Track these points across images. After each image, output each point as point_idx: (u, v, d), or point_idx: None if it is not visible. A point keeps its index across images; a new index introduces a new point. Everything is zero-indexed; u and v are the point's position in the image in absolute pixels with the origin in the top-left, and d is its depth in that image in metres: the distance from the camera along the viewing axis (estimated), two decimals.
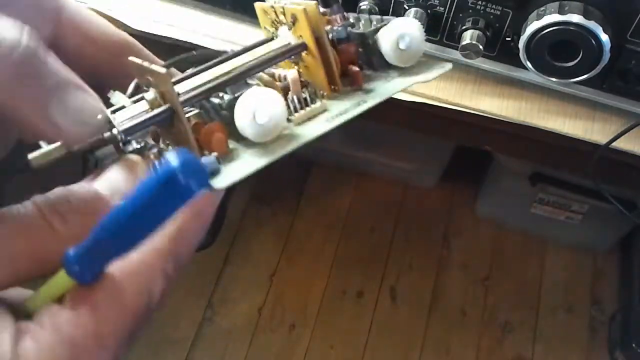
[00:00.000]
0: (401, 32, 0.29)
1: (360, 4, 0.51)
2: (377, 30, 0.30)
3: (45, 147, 0.23)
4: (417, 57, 0.29)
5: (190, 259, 0.25)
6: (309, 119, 0.27)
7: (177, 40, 0.56)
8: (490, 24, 0.50)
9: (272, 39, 0.29)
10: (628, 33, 0.47)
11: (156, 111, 0.25)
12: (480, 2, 0.49)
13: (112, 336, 0.22)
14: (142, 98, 0.26)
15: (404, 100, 0.53)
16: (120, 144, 0.25)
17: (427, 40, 0.53)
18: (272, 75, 0.28)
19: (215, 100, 0.27)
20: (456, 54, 0.52)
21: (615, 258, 1.34)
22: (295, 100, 0.27)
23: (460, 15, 0.50)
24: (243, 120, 0.25)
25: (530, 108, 0.54)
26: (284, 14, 0.28)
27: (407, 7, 0.51)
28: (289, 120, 0.27)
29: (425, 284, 1.30)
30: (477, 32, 0.50)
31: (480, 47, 0.50)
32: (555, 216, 1.29)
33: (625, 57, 0.49)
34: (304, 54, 0.29)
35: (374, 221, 1.36)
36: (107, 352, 0.22)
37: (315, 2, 0.27)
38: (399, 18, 0.29)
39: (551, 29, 0.46)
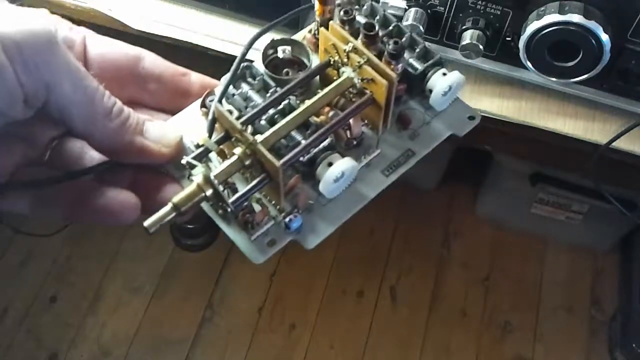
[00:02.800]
0: (451, 84, 0.33)
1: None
2: (430, 73, 0.34)
3: (157, 214, 0.29)
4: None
5: None
6: (366, 165, 0.33)
7: (177, 40, 0.56)
8: (490, 23, 0.50)
9: (328, 62, 0.33)
10: (628, 33, 0.47)
11: (259, 180, 0.29)
12: (480, 2, 0.49)
13: None
14: (229, 152, 0.30)
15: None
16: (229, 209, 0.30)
17: (428, 40, 0.53)
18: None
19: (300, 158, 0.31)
20: (456, 54, 0.52)
21: (615, 258, 1.34)
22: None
23: (460, 15, 0.50)
24: (328, 186, 0.30)
25: (530, 108, 0.54)
26: (358, 63, 0.31)
27: (407, 7, 0.51)
28: None
29: (425, 284, 1.30)
30: (477, 32, 0.50)
31: (480, 47, 0.50)
32: (555, 216, 1.28)
33: (625, 57, 0.49)
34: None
35: (374, 221, 1.36)
36: None
37: (395, 75, 0.31)
38: (456, 73, 0.33)
39: (551, 28, 0.46)
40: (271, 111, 0.31)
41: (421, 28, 0.50)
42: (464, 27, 0.50)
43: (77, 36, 0.32)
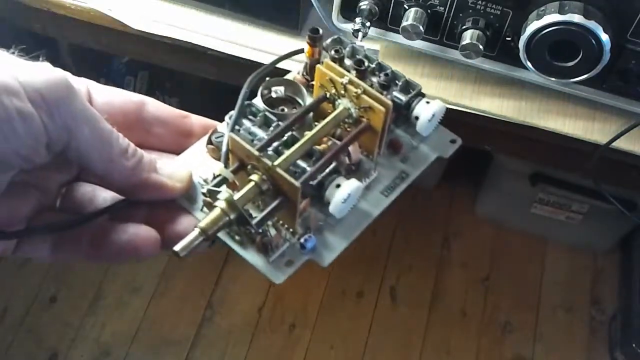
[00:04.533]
0: (435, 112, 0.36)
1: (360, 4, 0.51)
2: (414, 103, 0.37)
3: (185, 238, 0.30)
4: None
5: None
6: (366, 187, 0.36)
7: (177, 40, 0.56)
8: (490, 23, 0.50)
9: (324, 96, 0.36)
10: (628, 33, 0.47)
11: (277, 202, 0.32)
12: (480, 2, 0.49)
13: None
14: (241, 182, 0.33)
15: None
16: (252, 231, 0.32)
17: (427, 40, 0.53)
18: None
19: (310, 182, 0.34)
20: (456, 54, 0.52)
21: (615, 258, 1.34)
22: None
23: (460, 15, 0.50)
24: (338, 206, 0.33)
25: (530, 108, 0.54)
26: (355, 94, 0.34)
27: (407, 7, 0.51)
28: None
29: (425, 284, 1.30)
30: (477, 32, 0.50)
31: (480, 47, 0.50)
32: (555, 216, 1.28)
33: (625, 57, 0.49)
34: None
35: (374, 221, 1.36)
36: None
37: (391, 103, 0.34)
38: (437, 101, 0.37)
39: (551, 28, 0.46)
40: (275, 143, 0.34)
41: (421, 28, 0.50)
42: (464, 27, 0.50)
43: (81, 86, 0.34)
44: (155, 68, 1.11)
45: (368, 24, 0.51)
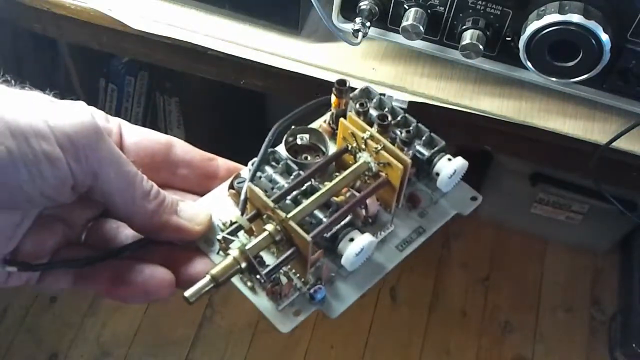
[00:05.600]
0: (456, 169, 0.37)
1: (360, 4, 0.51)
2: (436, 159, 0.37)
3: (196, 285, 0.31)
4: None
5: None
6: (382, 240, 0.36)
7: (177, 40, 0.56)
8: (490, 23, 0.50)
9: (346, 148, 0.36)
10: (628, 33, 0.47)
11: (289, 253, 0.32)
12: (480, 2, 0.49)
13: None
14: (258, 229, 0.33)
15: (404, 101, 0.53)
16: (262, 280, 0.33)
17: (427, 40, 0.53)
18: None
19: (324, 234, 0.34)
20: (456, 54, 0.52)
21: (615, 258, 1.34)
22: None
23: (460, 15, 0.50)
24: (350, 259, 0.33)
25: (530, 108, 0.54)
26: (375, 149, 0.34)
27: (407, 7, 0.51)
28: None
29: (425, 284, 1.30)
30: (477, 32, 0.50)
31: (480, 47, 0.50)
32: (555, 216, 1.28)
33: (625, 57, 0.49)
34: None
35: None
36: None
37: (409, 161, 0.34)
38: (459, 159, 0.38)
39: (551, 28, 0.46)
40: (294, 192, 0.34)
41: (421, 28, 0.50)
42: (464, 27, 0.50)
43: (113, 126, 0.35)
44: (155, 68, 1.11)
45: (368, 24, 0.51)
